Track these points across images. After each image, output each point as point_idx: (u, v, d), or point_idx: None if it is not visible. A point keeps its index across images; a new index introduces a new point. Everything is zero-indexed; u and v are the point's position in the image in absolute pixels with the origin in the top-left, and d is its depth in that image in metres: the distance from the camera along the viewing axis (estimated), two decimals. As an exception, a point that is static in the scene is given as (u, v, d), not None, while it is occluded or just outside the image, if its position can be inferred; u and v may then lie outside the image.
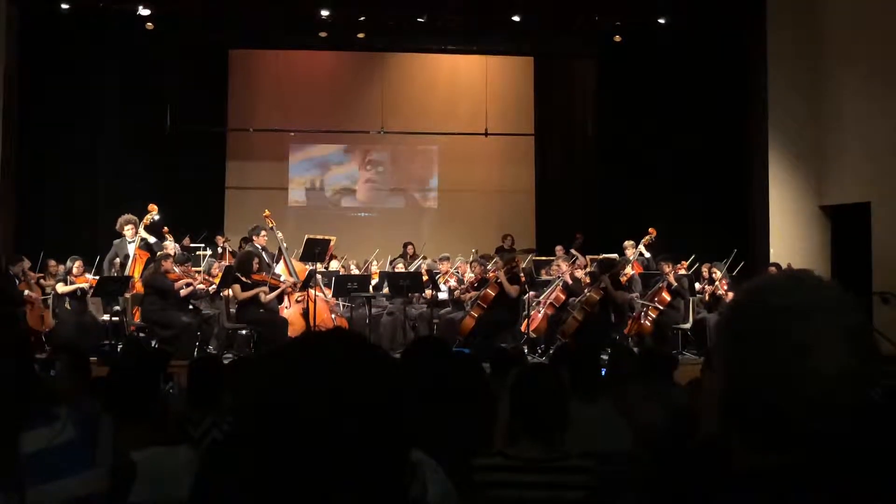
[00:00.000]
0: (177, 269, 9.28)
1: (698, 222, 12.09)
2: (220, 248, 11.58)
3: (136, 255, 9.83)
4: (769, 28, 11.57)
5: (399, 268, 10.97)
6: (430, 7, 12.10)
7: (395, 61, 14.71)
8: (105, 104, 12.57)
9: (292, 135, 14.42)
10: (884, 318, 8.34)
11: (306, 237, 10.27)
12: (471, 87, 14.58)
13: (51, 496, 1.69)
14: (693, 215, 12.23)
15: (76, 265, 9.69)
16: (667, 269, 9.89)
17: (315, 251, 9.96)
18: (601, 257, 10.41)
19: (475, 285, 9.84)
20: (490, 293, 9.49)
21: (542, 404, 2.71)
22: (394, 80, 14.54)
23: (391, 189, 15.20)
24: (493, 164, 14.75)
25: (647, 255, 10.87)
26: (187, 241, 11.67)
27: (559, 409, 2.73)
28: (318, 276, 9.77)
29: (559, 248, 11.95)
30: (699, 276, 10.57)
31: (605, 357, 5.29)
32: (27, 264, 9.55)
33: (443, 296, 10.40)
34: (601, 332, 9.29)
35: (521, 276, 9.91)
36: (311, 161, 15.15)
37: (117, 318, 9.41)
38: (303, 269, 9.87)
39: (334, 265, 10.99)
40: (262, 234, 10.16)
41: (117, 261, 9.84)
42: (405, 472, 1.14)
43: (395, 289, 9.97)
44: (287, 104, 14.15)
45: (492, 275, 9.71)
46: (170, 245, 10.05)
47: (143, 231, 10.00)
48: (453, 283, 10.44)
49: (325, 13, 11.75)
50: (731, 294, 9.95)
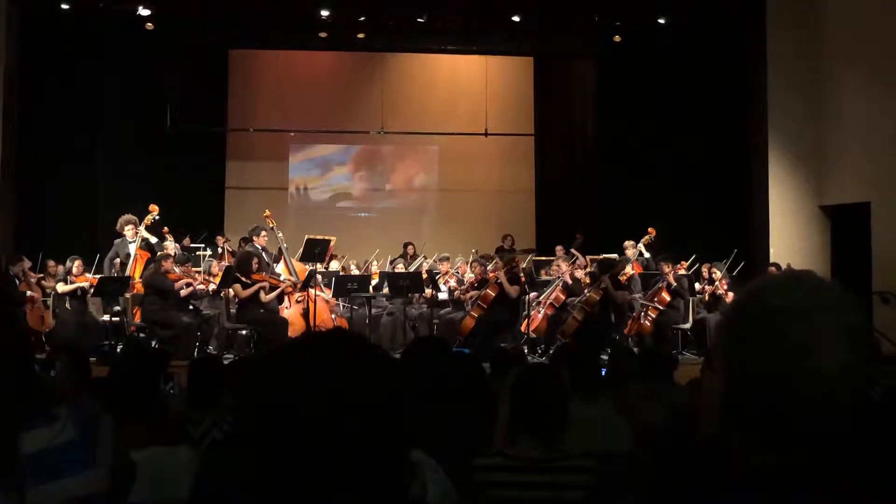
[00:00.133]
0: (177, 270, 9.29)
1: (698, 222, 12.09)
2: (220, 249, 11.58)
3: (136, 254, 9.84)
4: (769, 28, 11.56)
5: (399, 268, 10.97)
6: (430, 7, 12.10)
7: (395, 61, 14.71)
8: (105, 104, 12.57)
9: (292, 135, 14.42)
10: (884, 317, 8.34)
11: (306, 237, 10.27)
12: (471, 87, 14.58)
13: (51, 496, 1.69)
14: (693, 215, 12.24)
15: (76, 265, 9.70)
16: (667, 269, 9.90)
17: (315, 251, 9.96)
18: (601, 257, 10.41)
19: (475, 285, 9.84)
20: (490, 293, 9.49)
21: (542, 404, 2.71)
22: (394, 80, 14.54)
23: (391, 189, 15.20)
24: (493, 164, 14.75)
25: (647, 255, 10.88)
26: (187, 242, 11.67)
27: (559, 409, 2.73)
28: (318, 276, 9.77)
29: (559, 248, 11.95)
30: (699, 276, 10.57)
31: (605, 357, 5.29)
32: (27, 264, 9.54)
33: (443, 296, 10.40)
34: (601, 332, 9.30)
35: (521, 276, 9.91)
36: (311, 161, 15.15)
37: (117, 319, 9.43)
38: (303, 269, 9.88)
39: (334, 265, 10.99)
40: (263, 234, 10.17)
41: (117, 261, 9.86)
42: (405, 472, 1.14)
43: (395, 289, 9.97)
44: (287, 104, 14.15)
45: (492, 275, 9.71)
46: (170, 245, 10.06)
47: (143, 231, 10.01)
48: (453, 283, 10.45)
49: (325, 13, 11.74)
50: (730, 294, 9.95)
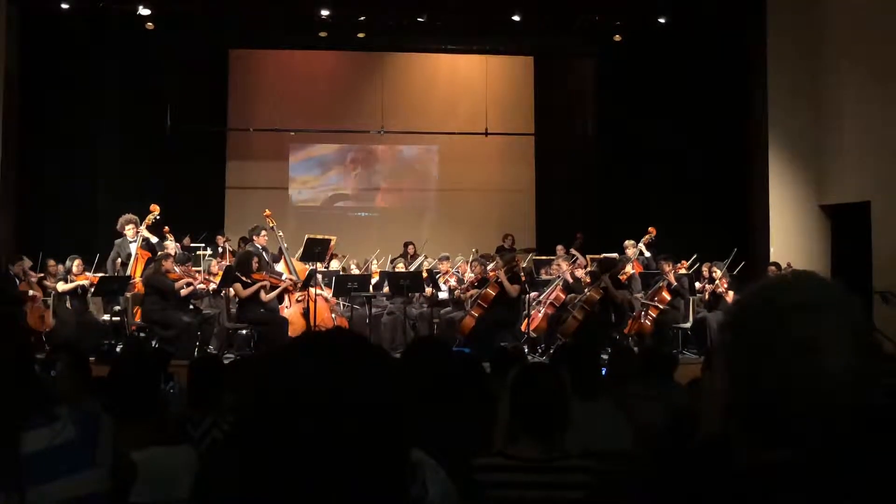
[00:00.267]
0: (177, 269, 9.29)
1: (698, 222, 12.10)
2: (221, 248, 11.59)
3: (137, 254, 9.84)
4: (769, 28, 11.56)
5: (399, 267, 10.97)
6: (430, 7, 12.10)
7: (395, 61, 14.70)
8: (105, 104, 12.56)
9: (292, 135, 14.42)
10: (884, 317, 8.34)
11: (306, 237, 10.27)
12: (471, 86, 14.58)
13: (51, 496, 1.69)
14: (693, 215, 12.24)
15: (76, 264, 9.70)
16: (667, 268, 9.90)
17: (315, 251, 9.95)
18: (601, 257, 10.41)
19: (475, 284, 9.85)
20: (490, 293, 9.49)
21: (542, 404, 2.71)
22: (394, 80, 14.54)
23: (391, 189, 15.19)
24: (492, 164, 14.74)
25: (648, 254, 10.87)
26: (188, 241, 11.67)
27: (559, 408, 2.73)
28: (319, 276, 9.77)
29: (559, 247, 11.96)
30: (699, 276, 10.57)
31: (605, 357, 5.29)
32: (28, 264, 9.54)
33: (443, 295, 10.40)
34: (601, 331, 9.30)
35: (521, 275, 9.92)
36: (311, 161, 15.15)
37: (118, 318, 9.43)
38: (303, 268, 9.88)
39: (334, 265, 10.99)
40: (263, 233, 10.17)
41: (119, 261, 9.86)
42: (405, 472, 1.14)
43: (396, 288, 9.97)
44: (287, 104, 14.16)
45: (492, 274, 9.71)
46: (170, 245, 10.06)
47: (144, 231, 10.01)
48: (453, 282, 10.45)
49: (325, 13, 11.74)
50: (731, 293, 9.95)
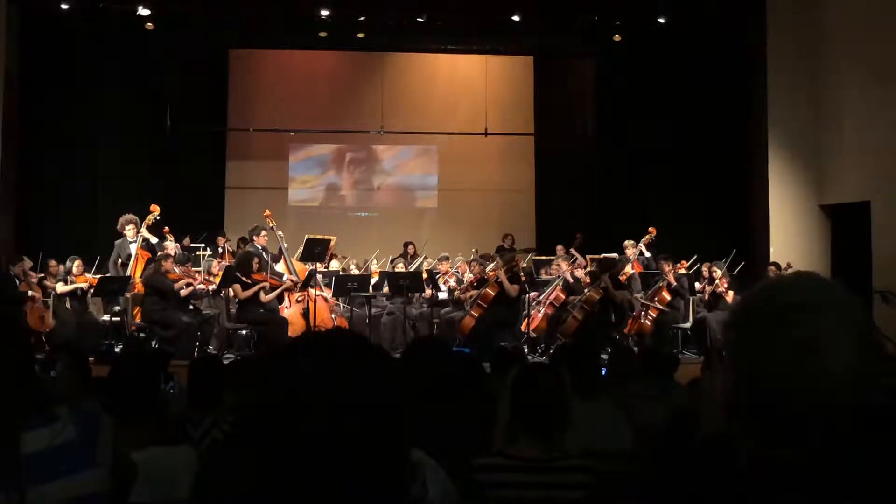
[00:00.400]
0: (177, 270, 9.29)
1: (698, 222, 12.10)
2: (221, 248, 11.59)
3: (137, 254, 9.85)
4: (769, 28, 11.56)
5: (399, 268, 10.97)
6: (430, 7, 12.10)
7: (395, 61, 14.70)
8: (105, 104, 12.56)
9: (292, 134, 14.41)
10: (884, 317, 8.34)
11: (306, 237, 10.26)
12: (470, 86, 14.58)
13: (51, 496, 1.69)
14: (693, 215, 12.24)
15: (76, 265, 9.70)
16: (667, 268, 9.90)
17: (315, 251, 9.95)
18: (601, 257, 10.41)
19: (474, 284, 9.85)
20: (490, 292, 9.49)
21: (542, 404, 2.71)
22: (394, 80, 14.53)
23: (391, 189, 15.19)
24: (492, 164, 14.74)
25: (647, 254, 10.87)
26: (187, 241, 11.67)
27: (559, 408, 2.73)
28: (319, 276, 9.77)
29: (559, 247, 11.96)
30: (699, 276, 10.57)
31: (605, 357, 5.29)
32: (28, 264, 9.54)
33: (443, 296, 10.40)
34: (601, 331, 9.30)
35: (521, 275, 9.91)
36: (311, 160, 15.14)
37: (118, 319, 9.43)
38: (303, 268, 9.87)
39: (334, 265, 10.99)
40: (263, 233, 10.17)
41: (119, 261, 9.86)
42: (405, 472, 1.14)
43: (396, 288, 9.97)
44: (287, 104, 14.16)
45: (492, 274, 9.72)
46: (170, 245, 10.06)
47: (144, 231, 10.01)
48: (453, 282, 10.45)
49: (324, 13, 11.74)
50: (731, 293, 9.95)
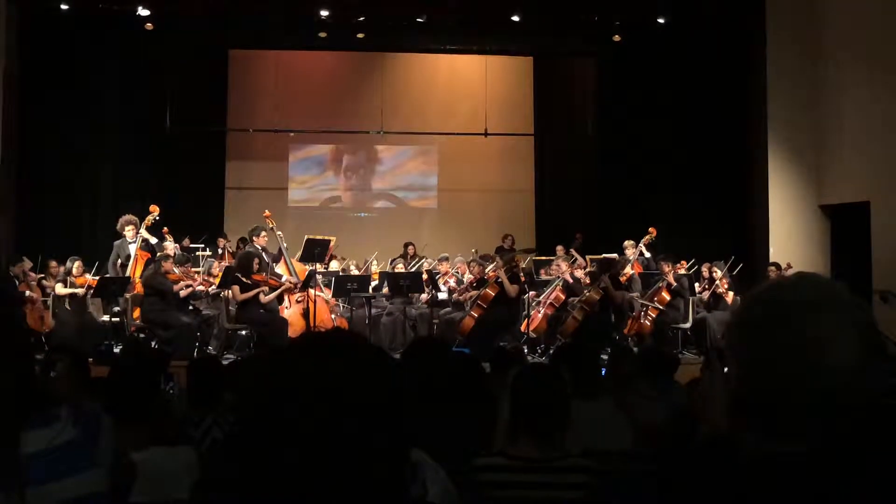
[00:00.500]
0: (176, 270, 9.29)
1: (698, 222, 12.10)
2: (221, 249, 11.59)
3: (136, 255, 9.85)
4: (769, 28, 11.57)
5: (399, 268, 10.97)
6: (430, 7, 12.09)
7: (394, 61, 14.70)
8: (105, 104, 12.56)
9: (292, 135, 14.41)
10: (883, 317, 8.33)
11: (306, 237, 10.27)
12: (470, 87, 14.58)
13: (51, 496, 1.69)
14: (693, 215, 12.24)
15: (76, 265, 9.70)
16: (666, 268, 9.90)
17: (315, 251, 9.95)
18: (601, 257, 10.41)
19: (474, 285, 9.85)
20: (490, 293, 9.49)
21: (543, 404, 2.71)
22: (394, 80, 14.53)
23: (391, 189, 15.20)
24: (492, 164, 14.75)
25: (647, 254, 10.88)
26: (187, 242, 11.67)
27: (559, 408, 2.73)
28: (318, 277, 9.77)
29: (559, 247, 11.96)
30: (699, 276, 10.57)
31: (605, 357, 5.29)
32: (28, 265, 9.54)
33: (443, 296, 10.40)
34: (601, 331, 9.30)
35: (521, 275, 9.92)
36: (310, 161, 15.15)
37: (117, 319, 9.43)
38: (303, 269, 9.87)
39: (334, 265, 10.99)
40: (262, 234, 10.17)
41: (118, 262, 9.86)
42: (405, 472, 1.14)
43: (396, 289, 9.97)
44: (287, 104, 14.15)
45: (491, 274, 9.72)
46: (170, 245, 10.07)
47: (144, 231, 10.02)
48: (453, 283, 10.45)
49: (324, 13, 11.74)
50: (731, 294, 9.96)
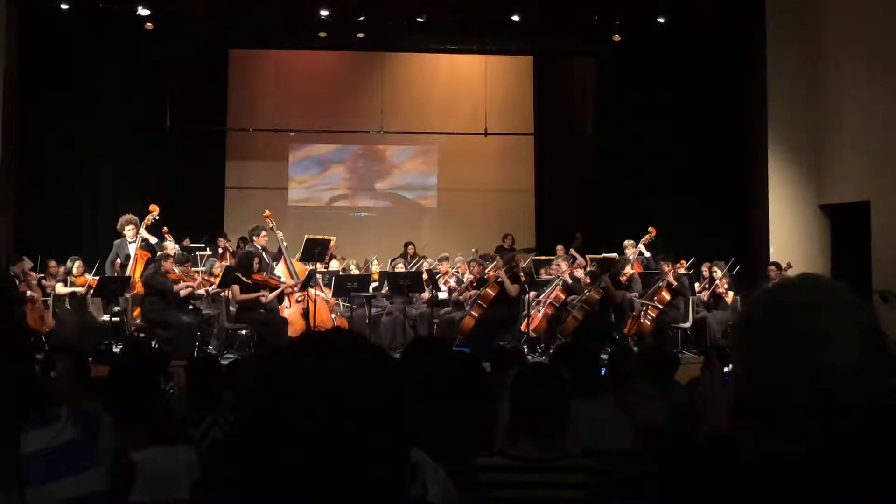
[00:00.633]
0: (177, 270, 9.29)
1: (698, 222, 12.10)
2: (221, 249, 11.59)
3: (136, 255, 9.85)
4: (769, 28, 11.56)
5: (399, 268, 10.97)
6: (430, 7, 12.09)
7: (394, 61, 14.70)
8: (105, 104, 12.56)
9: (292, 134, 14.41)
10: (883, 317, 8.31)
11: (306, 237, 10.27)
12: (470, 86, 14.57)
13: (51, 496, 1.69)
14: (693, 215, 12.24)
15: (76, 265, 9.70)
16: (666, 268, 9.90)
17: (315, 251, 9.95)
18: (601, 257, 10.41)
19: (473, 284, 9.85)
20: (490, 292, 9.49)
21: (543, 404, 2.71)
22: (394, 80, 14.53)
23: (391, 189, 15.20)
24: (492, 164, 14.75)
25: (647, 254, 10.88)
26: (187, 242, 11.68)
27: (559, 408, 2.73)
28: (318, 276, 9.77)
29: (559, 247, 11.96)
30: (699, 276, 10.57)
31: (605, 357, 5.29)
32: (28, 265, 9.54)
33: (443, 295, 10.40)
34: (601, 331, 9.30)
35: (521, 275, 9.92)
36: (310, 160, 15.15)
37: (117, 319, 9.43)
38: (303, 269, 9.87)
39: (334, 265, 10.98)
40: (262, 234, 10.17)
41: (118, 261, 9.86)
42: (405, 472, 1.14)
43: (396, 289, 9.97)
44: (287, 104, 14.15)
45: (491, 274, 9.72)
46: (170, 245, 10.06)
47: (144, 231, 10.02)
48: (453, 283, 10.44)
49: (324, 13, 11.74)
50: (731, 293, 9.95)
